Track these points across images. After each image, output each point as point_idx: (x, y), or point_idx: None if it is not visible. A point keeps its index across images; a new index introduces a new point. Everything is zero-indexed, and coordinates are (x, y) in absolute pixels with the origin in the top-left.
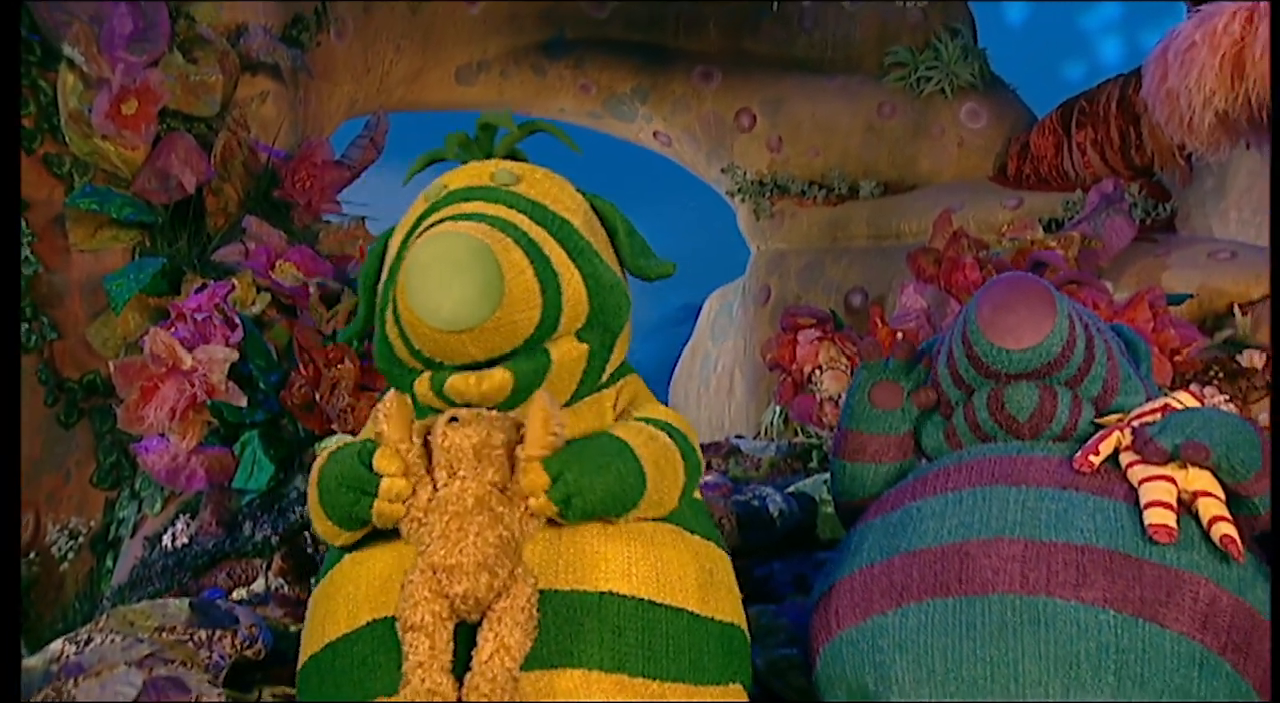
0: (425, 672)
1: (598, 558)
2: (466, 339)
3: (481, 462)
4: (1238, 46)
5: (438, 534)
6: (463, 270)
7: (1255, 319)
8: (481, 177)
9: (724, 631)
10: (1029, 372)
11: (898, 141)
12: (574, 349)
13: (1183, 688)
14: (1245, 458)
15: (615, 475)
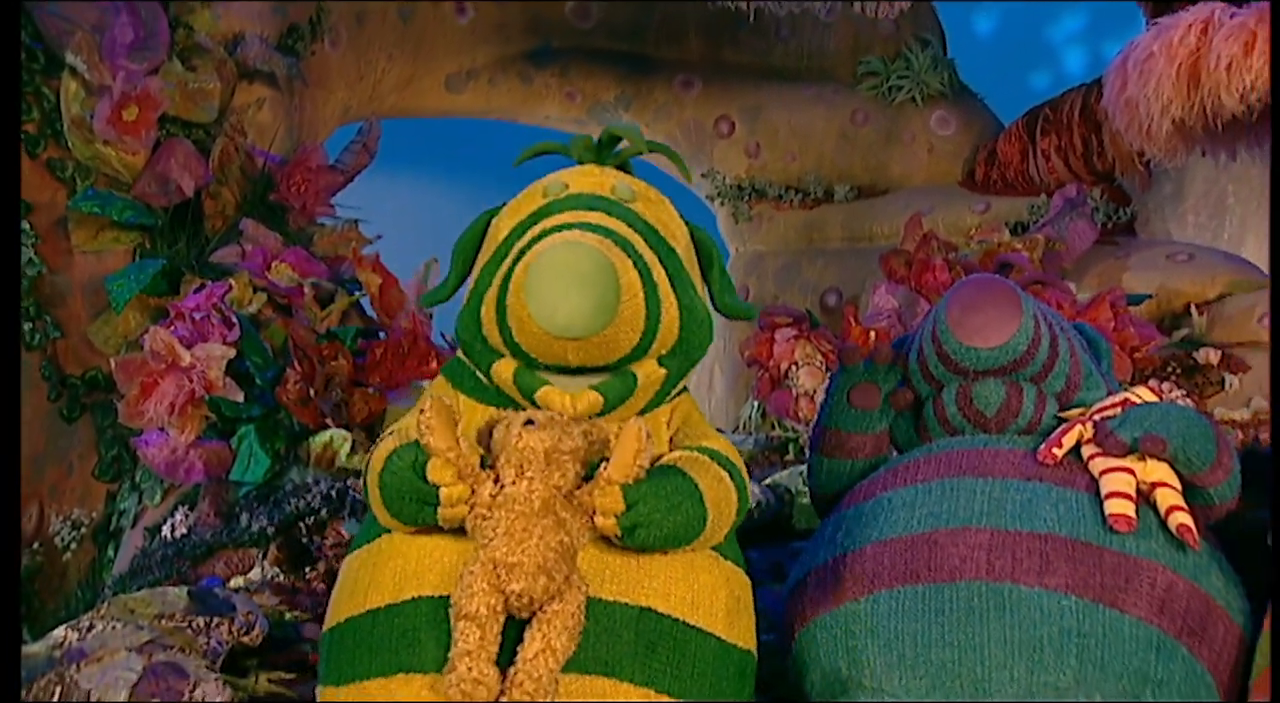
0: (473, 660)
1: (641, 574)
2: (570, 346)
3: (550, 466)
4: (1193, 57)
5: (502, 531)
6: (586, 283)
7: (1211, 318)
8: (603, 185)
9: (743, 658)
10: (996, 369)
11: (870, 147)
12: (655, 372)
13: (1140, 671)
14: (1201, 451)
15: (683, 518)
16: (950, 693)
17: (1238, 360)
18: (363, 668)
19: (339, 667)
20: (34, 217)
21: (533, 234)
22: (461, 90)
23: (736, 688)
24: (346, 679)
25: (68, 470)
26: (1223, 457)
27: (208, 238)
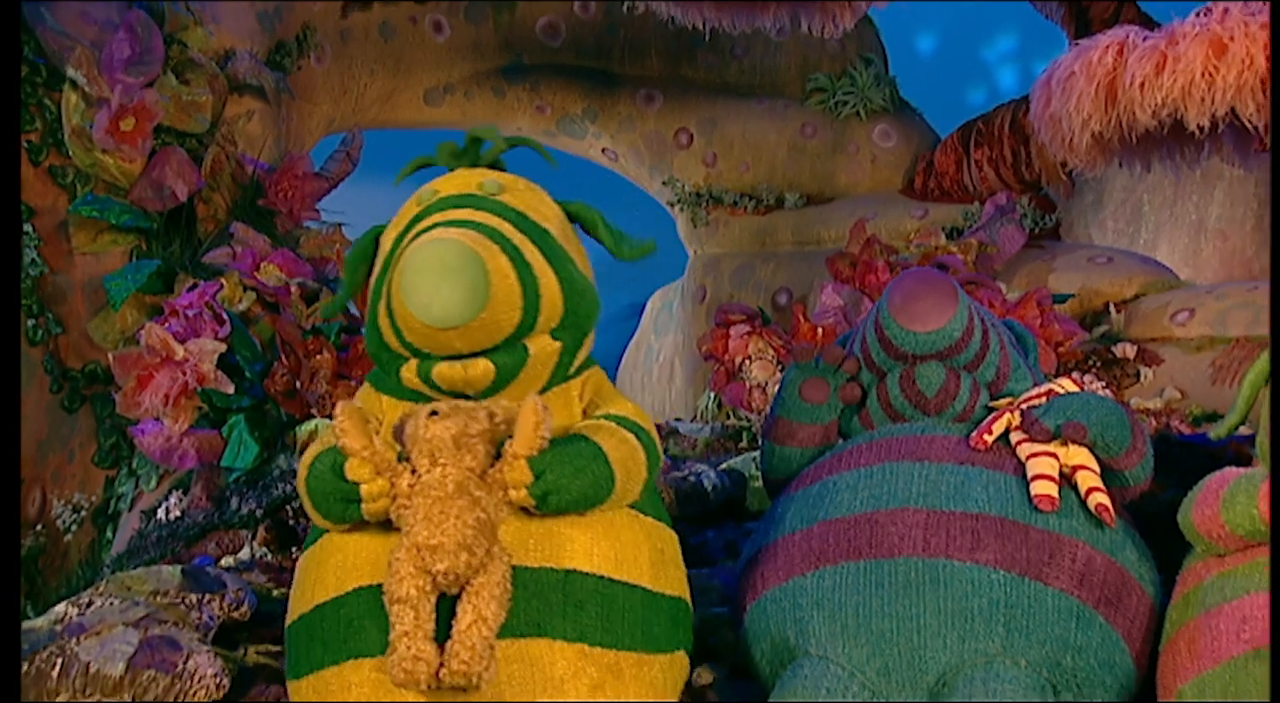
0: (410, 640)
1: (563, 539)
2: (454, 335)
3: (460, 450)
4: (1110, 76)
5: (421, 517)
6: (454, 274)
7: (1128, 316)
8: (470, 184)
9: (672, 605)
10: (933, 354)
11: (818, 158)
12: (548, 345)
13: (1062, 638)
14: (1117, 437)
15: (589, 479)
16: (888, 659)
17: (1152, 354)
18: (317, 659)
19: (298, 661)
20: (37, 220)
21: (407, 240)
22: (439, 103)
23: (670, 632)
24: (305, 672)
25: (69, 457)
26: (1137, 442)
27: (200, 240)
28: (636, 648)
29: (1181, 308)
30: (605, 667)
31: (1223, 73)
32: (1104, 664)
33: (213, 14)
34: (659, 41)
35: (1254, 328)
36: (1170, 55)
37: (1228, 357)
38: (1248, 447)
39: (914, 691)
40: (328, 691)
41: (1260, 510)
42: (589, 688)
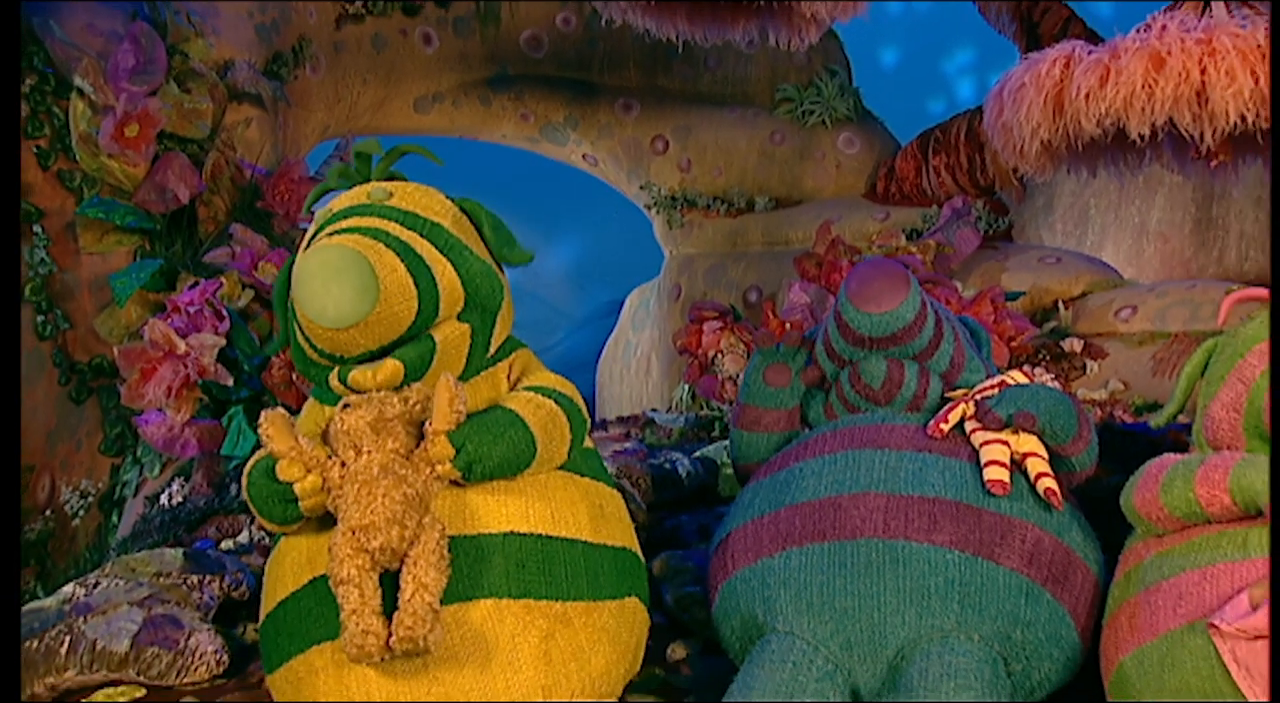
0: (359, 617)
1: (498, 505)
2: (355, 333)
3: (380, 435)
4: (1058, 87)
5: (351, 501)
6: (340, 275)
7: (1075, 312)
8: (359, 196)
9: (616, 554)
10: (886, 336)
11: (786, 164)
12: (456, 329)
13: (1012, 613)
14: (1065, 425)
15: (509, 444)
16: (850, 634)
17: (1097, 348)
18: (285, 651)
19: (269, 656)
20: (46, 222)
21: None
22: (428, 111)
23: (615, 580)
24: (277, 664)
25: (76, 446)
26: (1083, 431)
27: (201, 241)
28: (582, 597)
29: (1125, 305)
30: (553, 617)
31: (1161, 85)
32: (1051, 638)
33: (213, 26)
34: (636, 53)
35: (1191, 324)
36: (1113, 68)
37: (1167, 351)
38: (1185, 434)
39: (875, 664)
40: (297, 678)
41: (1196, 494)
42: (540, 638)
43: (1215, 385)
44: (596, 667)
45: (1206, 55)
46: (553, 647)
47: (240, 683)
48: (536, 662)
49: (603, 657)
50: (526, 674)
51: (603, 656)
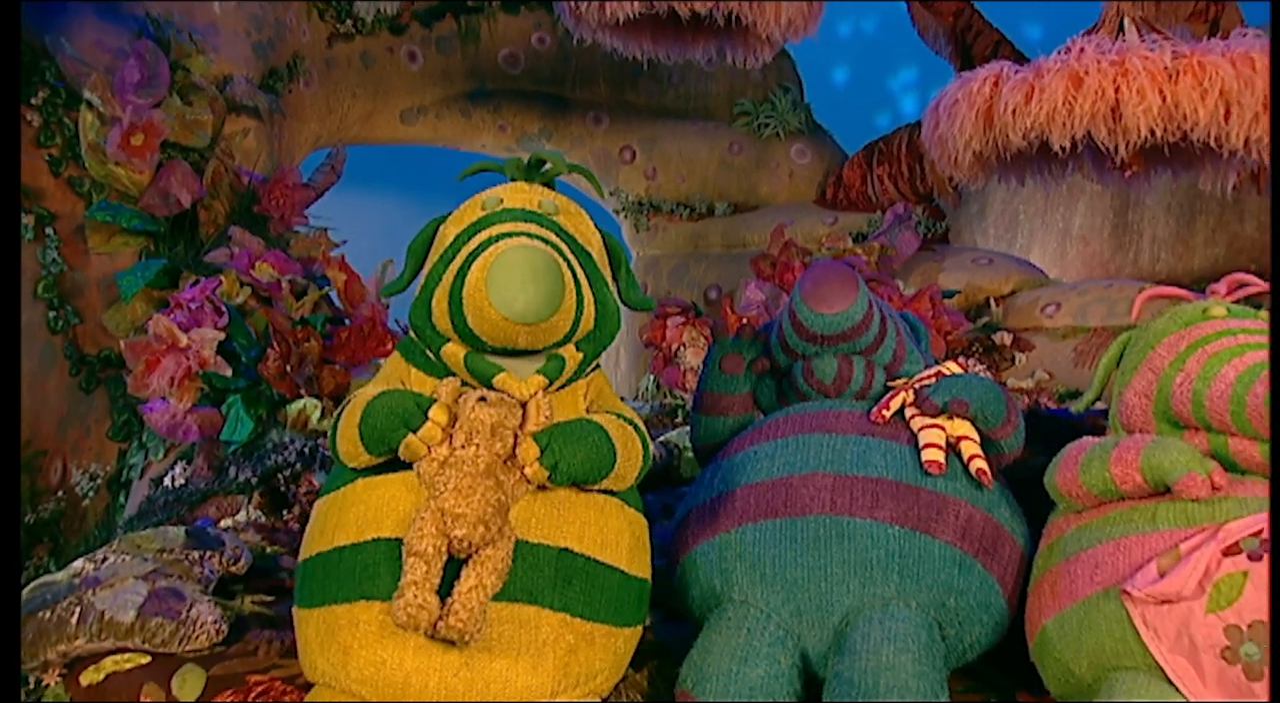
0: (418, 590)
1: (561, 522)
2: (523, 331)
3: (494, 436)
4: (988, 103)
5: (452, 487)
6: (539, 278)
7: (1005, 309)
8: (531, 201)
9: (642, 586)
10: (837, 335)
11: (744, 172)
12: (575, 355)
13: (946, 583)
14: (995, 411)
15: (592, 447)
16: (800, 603)
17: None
18: (330, 594)
19: (311, 592)
20: (57, 224)
21: (479, 239)
22: (413, 123)
23: (635, 609)
24: (317, 603)
25: (86, 432)
26: (1012, 416)
27: (202, 242)
28: (609, 622)
29: (1050, 302)
30: (581, 635)
31: (1080, 102)
32: (981, 605)
33: (213, 44)
34: (606, 70)
35: (1109, 319)
36: (1037, 87)
37: (1087, 344)
38: (1103, 419)
39: (822, 629)
40: (335, 621)
41: (1111, 473)
42: (565, 651)
43: (1129, 375)
44: (600, 682)
45: (1120, 75)
46: (573, 661)
47: (239, 651)
48: (556, 670)
49: (607, 674)
50: (544, 678)
51: (607, 674)
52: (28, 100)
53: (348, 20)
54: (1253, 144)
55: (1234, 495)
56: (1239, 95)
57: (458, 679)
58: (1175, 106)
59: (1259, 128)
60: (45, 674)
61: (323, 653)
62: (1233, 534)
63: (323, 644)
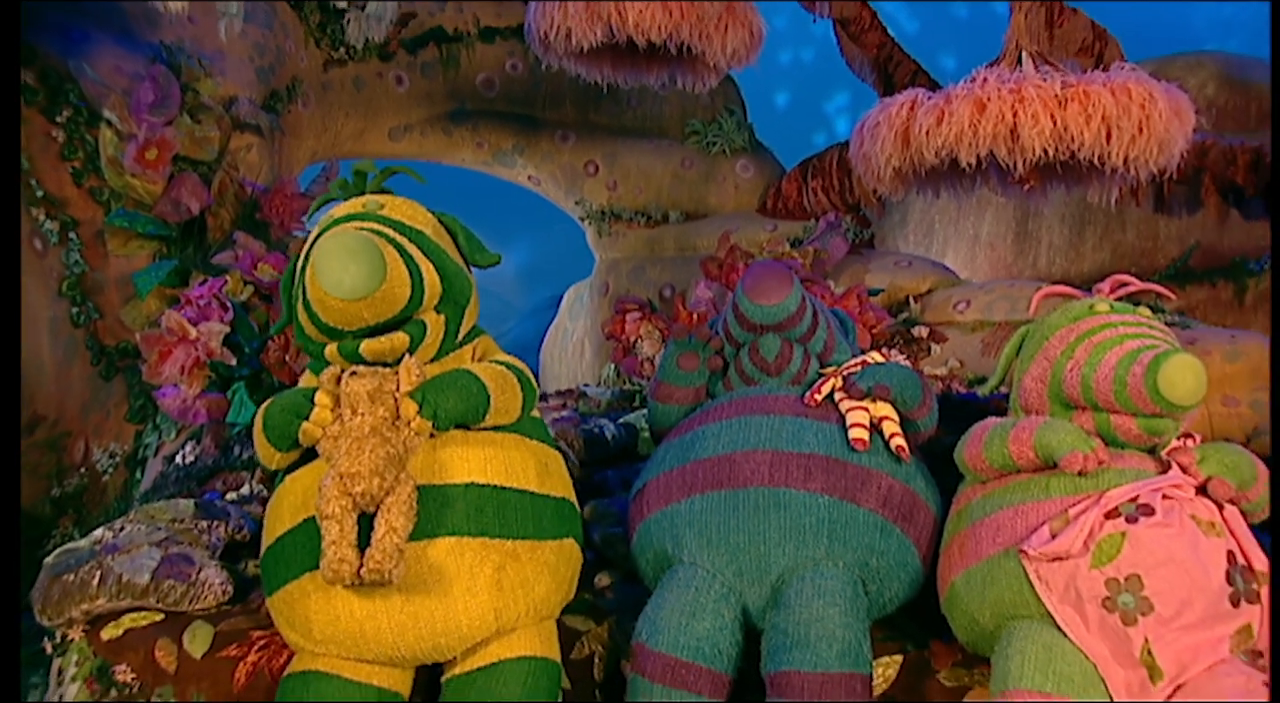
0: (337, 547)
1: (463, 462)
2: (362, 306)
3: (374, 402)
4: (905, 125)
5: (344, 452)
6: (356, 255)
7: (922, 306)
8: (356, 206)
9: (558, 503)
10: (774, 323)
11: (694, 185)
12: (436, 318)
13: (870, 545)
14: (913, 395)
15: (463, 390)
16: (741, 564)
17: (939, 334)
18: (282, 577)
19: (269, 581)
20: (79, 230)
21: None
22: (400, 140)
23: (555, 524)
24: (275, 588)
25: (106, 415)
26: (927, 399)
27: (209, 245)
28: (528, 537)
29: (961, 299)
30: (504, 552)
31: (983, 125)
32: (900, 564)
33: (220, 68)
34: (572, 93)
35: (1011, 314)
36: (946, 111)
37: (993, 336)
38: (1005, 401)
39: (761, 587)
40: (291, 599)
41: (1009, 450)
42: (493, 569)
43: (1027, 363)
44: (539, 594)
45: (1017, 102)
46: (504, 577)
47: (243, 609)
48: (490, 588)
49: (544, 586)
50: (482, 599)
51: (544, 585)
52: (53, 118)
53: (341, 48)
54: (1130, 162)
55: (1115, 467)
56: (1118, 120)
57: (404, 616)
58: (1064, 129)
59: (1135, 148)
60: (70, 630)
61: (291, 627)
62: (1113, 500)
63: (289, 620)
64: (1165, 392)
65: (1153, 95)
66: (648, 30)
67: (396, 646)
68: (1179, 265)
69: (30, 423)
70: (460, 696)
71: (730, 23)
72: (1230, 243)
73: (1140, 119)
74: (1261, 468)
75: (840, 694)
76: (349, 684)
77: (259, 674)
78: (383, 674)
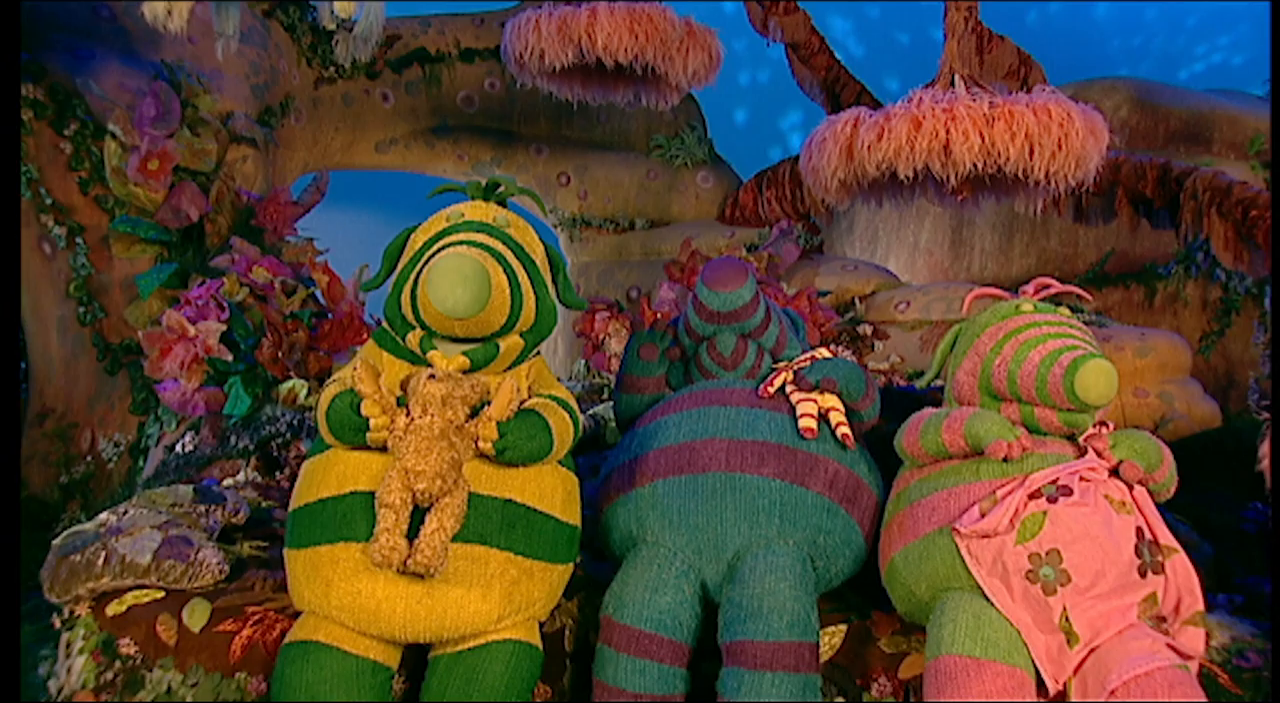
0: (390, 535)
1: (506, 478)
2: (456, 323)
3: (445, 406)
4: (849, 140)
5: (412, 449)
6: (467, 281)
7: (867, 306)
8: (486, 215)
9: (573, 531)
10: (729, 312)
11: (659, 195)
12: (517, 342)
13: (817, 525)
14: (857, 387)
15: (537, 445)
16: (700, 543)
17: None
18: (315, 537)
19: (299, 535)
20: (86, 235)
21: (438, 247)
22: (386, 152)
23: (567, 550)
24: (305, 544)
25: (111, 407)
26: (870, 391)
27: (207, 250)
28: (545, 559)
29: (902, 300)
30: (523, 569)
31: (919, 141)
32: (845, 542)
33: (218, 85)
34: (546, 110)
35: (947, 314)
36: (886, 128)
37: (930, 333)
38: (940, 393)
39: (718, 563)
40: (318, 559)
41: (943, 438)
42: (509, 583)
43: (960, 358)
44: (538, 606)
45: (950, 120)
46: (515, 591)
47: (238, 587)
48: (501, 598)
49: (544, 600)
50: (492, 604)
51: (544, 599)
52: (61, 131)
53: (331, 67)
54: (1051, 176)
55: (1038, 452)
56: (1040, 137)
57: (420, 606)
58: (992, 145)
59: (1055, 163)
60: (77, 606)
61: (309, 585)
62: (1035, 482)
63: (309, 578)
64: (1080, 393)
65: (1071, 115)
66: (615, 52)
67: (405, 628)
68: (1096, 270)
69: (40, 415)
70: (448, 672)
71: (691, 46)
72: (1141, 250)
73: (1059, 137)
74: (1166, 452)
75: (790, 661)
76: (347, 656)
77: (253, 647)
78: (378, 649)
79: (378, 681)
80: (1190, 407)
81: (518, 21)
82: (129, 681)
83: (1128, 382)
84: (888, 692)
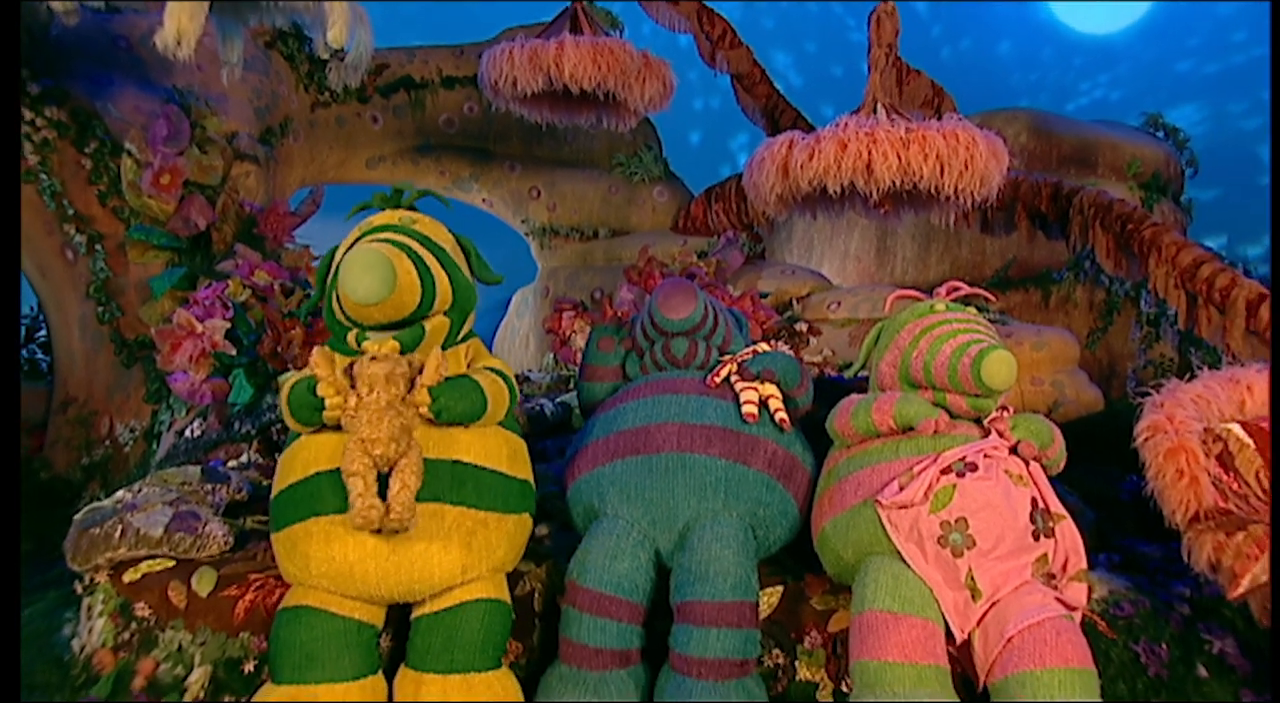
0: (364, 498)
1: (452, 441)
2: (373, 310)
3: (389, 383)
4: (784, 160)
5: (365, 422)
6: (371, 269)
7: (803, 306)
8: (393, 219)
9: (520, 484)
10: (682, 332)
11: (619, 207)
12: (441, 321)
13: (758, 499)
14: (793, 377)
15: (469, 402)
16: (654, 516)
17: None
18: (289, 518)
19: (277, 521)
20: (105, 242)
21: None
22: (376, 168)
23: (518, 501)
24: (282, 527)
25: (127, 397)
26: (805, 381)
27: (214, 255)
28: (497, 510)
29: (834, 301)
30: (477, 521)
31: (845, 161)
32: (782, 514)
33: (224, 108)
34: (518, 131)
35: (872, 313)
36: (816, 149)
37: (858, 330)
38: (864, 383)
39: (670, 533)
40: (296, 537)
41: (872, 419)
42: (466, 533)
43: (883, 351)
44: (499, 556)
45: (871, 143)
46: (474, 540)
47: (242, 556)
48: (462, 548)
49: (503, 549)
50: (454, 555)
51: (503, 549)
52: (82, 149)
53: (326, 92)
54: (960, 192)
55: (950, 433)
56: (949, 158)
57: (389, 563)
58: (908, 165)
59: (962, 181)
60: (96, 574)
61: (290, 561)
62: (947, 459)
63: (289, 555)
64: (986, 380)
65: (976, 140)
66: (580, 80)
67: (379, 586)
68: (1000, 275)
69: (64, 403)
70: (429, 631)
71: (648, 76)
72: (1038, 258)
73: (966, 158)
74: (1058, 433)
75: (733, 619)
76: (334, 617)
77: (255, 610)
78: (363, 610)
79: (364, 638)
80: (1078, 393)
81: (493, 52)
82: (144, 640)
83: (1026, 371)
84: (819, 644)
